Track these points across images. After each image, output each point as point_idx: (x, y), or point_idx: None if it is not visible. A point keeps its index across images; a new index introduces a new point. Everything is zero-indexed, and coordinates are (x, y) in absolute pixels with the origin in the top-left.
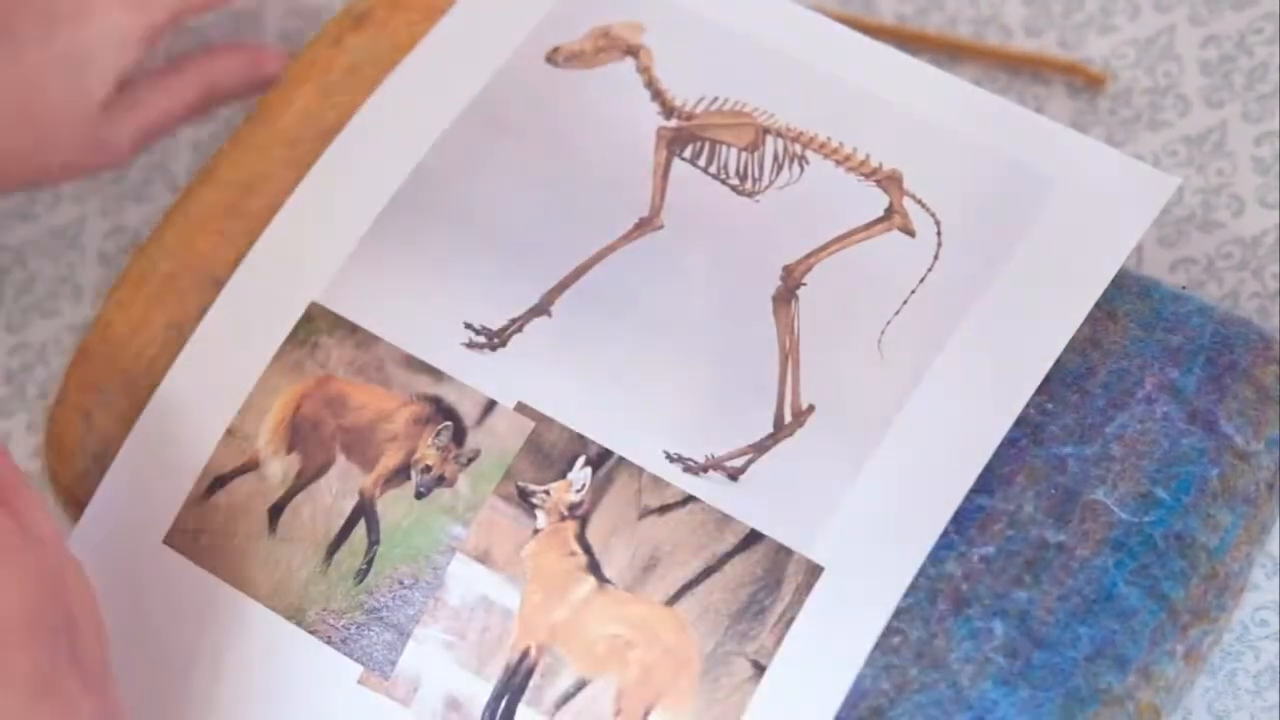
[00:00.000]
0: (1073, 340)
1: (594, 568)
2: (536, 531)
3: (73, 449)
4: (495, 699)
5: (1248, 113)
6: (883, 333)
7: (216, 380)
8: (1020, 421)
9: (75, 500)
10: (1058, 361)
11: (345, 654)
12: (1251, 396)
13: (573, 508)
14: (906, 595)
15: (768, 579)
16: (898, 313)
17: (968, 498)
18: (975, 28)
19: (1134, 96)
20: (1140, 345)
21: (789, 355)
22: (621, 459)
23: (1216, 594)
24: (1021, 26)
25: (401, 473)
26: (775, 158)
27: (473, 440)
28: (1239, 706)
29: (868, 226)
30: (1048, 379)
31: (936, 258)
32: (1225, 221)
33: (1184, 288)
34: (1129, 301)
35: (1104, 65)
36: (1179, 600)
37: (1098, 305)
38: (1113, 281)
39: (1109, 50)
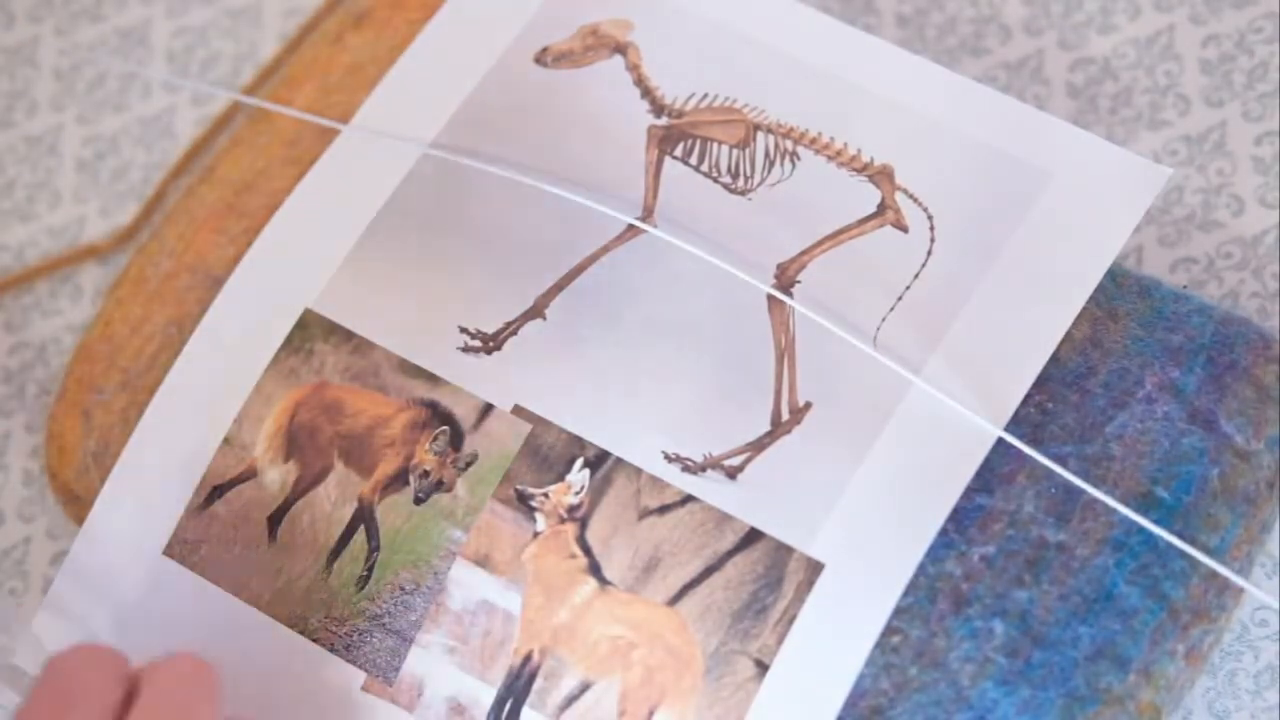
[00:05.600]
0: (1073, 340)
1: (595, 569)
2: (536, 534)
3: (73, 448)
4: (499, 703)
5: (1248, 112)
6: (878, 329)
7: (212, 389)
8: (1020, 421)
9: (75, 498)
10: (1058, 361)
11: (348, 661)
12: (1252, 396)
13: (572, 510)
14: (906, 594)
15: (769, 577)
16: (893, 309)
17: (968, 497)
18: (975, 27)
19: (1134, 96)
20: (1141, 345)
21: (785, 353)
22: (619, 460)
23: (1217, 593)
24: (1021, 26)
25: (400, 478)
26: (766, 154)
27: (470, 444)
28: (1239, 706)
29: (860, 223)
30: (1048, 378)
31: (930, 253)
32: (1225, 221)
33: (1184, 287)
34: (1129, 301)
35: (1104, 64)
36: (1179, 600)
37: (1098, 305)
38: (1113, 281)
39: (1109, 50)
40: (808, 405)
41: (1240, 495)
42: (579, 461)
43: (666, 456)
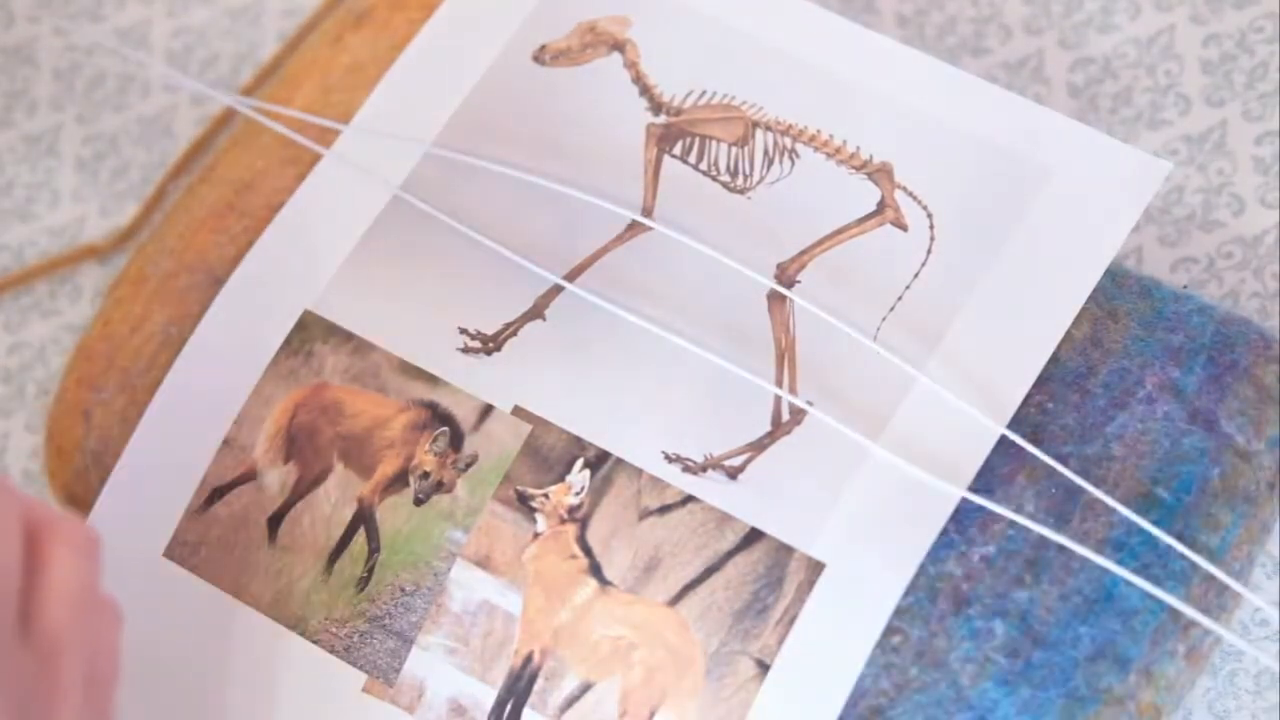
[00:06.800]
0: (1073, 339)
1: (595, 570)
2: (537, 535)
3: (72, 448)
4: (500, 704)
5: (1248, 112)
6: (879, 328)
7: (212, 391)
8: (1020, 421)
9: (74, 498)
10: (1058, 361)
11: (348, 662)
12: (1252, 396)
13: (572, 510)
14: (907, 594)
15: (769, 577)
16: (893, 308)
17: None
18: (975, 27)
19: (1134, 96)
20: (1141, 345)
21: (785, 353)
22: (620, 460)
23: (1217, 594)
24: (1021, 26)
25: (400, 479)
26: (765, 152)
27: (470, 445)
28: (1239, 706)
29: (860, 222)
30: (1048, 378)
31: (930, 251)
32: (1226, 221)
33: (1185, 287)
34: (1130, 301)
35: (1104, 64)
36: (1180, 599)
37: (1098, 304)
38: (1113, 281)
39: (1109, 49)
40: (808, 405)
41: (1240, 495)
42: (579, 462)
43: (667, 457)
